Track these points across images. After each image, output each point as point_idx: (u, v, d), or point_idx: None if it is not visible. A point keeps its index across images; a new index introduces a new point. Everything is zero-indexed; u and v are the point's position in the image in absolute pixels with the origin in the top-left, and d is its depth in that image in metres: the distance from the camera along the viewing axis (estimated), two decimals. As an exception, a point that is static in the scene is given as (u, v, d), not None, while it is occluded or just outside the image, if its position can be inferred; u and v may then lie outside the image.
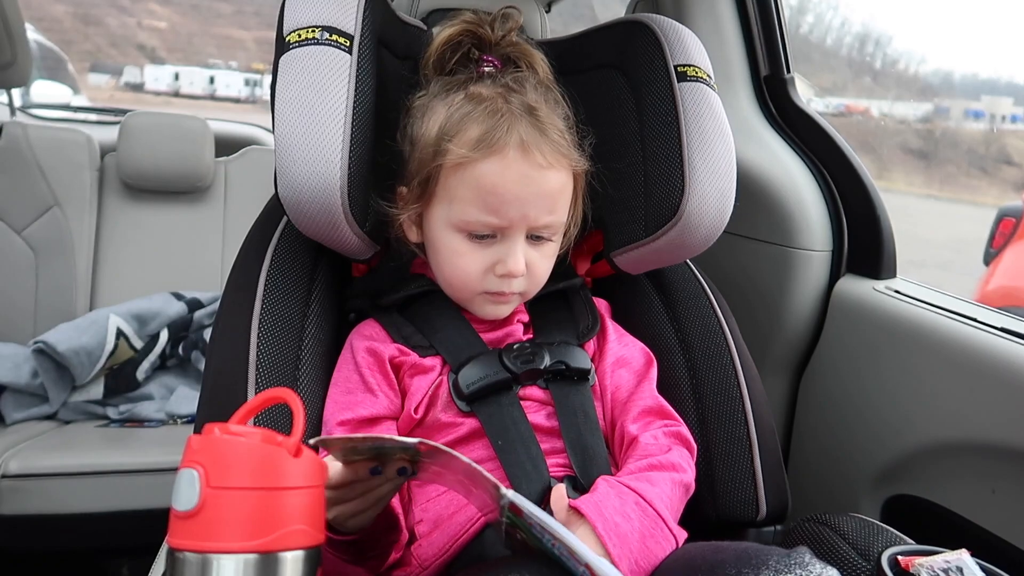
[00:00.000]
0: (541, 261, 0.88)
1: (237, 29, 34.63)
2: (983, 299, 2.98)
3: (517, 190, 0.81)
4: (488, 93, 0.84)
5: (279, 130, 0.82)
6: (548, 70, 0.93)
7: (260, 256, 0.92)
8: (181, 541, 0.55)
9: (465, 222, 0.83)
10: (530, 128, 0.82)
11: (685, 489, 0.83)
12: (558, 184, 0.84)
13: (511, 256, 0.84)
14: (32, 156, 2.02)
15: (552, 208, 0.84)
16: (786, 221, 1.35)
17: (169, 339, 1.89)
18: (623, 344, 0.95)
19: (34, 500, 1.54)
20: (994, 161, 16.76)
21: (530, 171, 0.81)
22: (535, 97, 0.85)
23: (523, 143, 0.81)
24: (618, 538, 0.71)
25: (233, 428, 0.58)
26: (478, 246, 0.84)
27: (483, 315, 0.90)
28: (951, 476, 1.12)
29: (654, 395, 0.91)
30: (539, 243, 0.87)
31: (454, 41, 0.91)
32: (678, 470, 0.82)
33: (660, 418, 0.89)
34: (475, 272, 0.85)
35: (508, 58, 0.92)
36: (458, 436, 0.84)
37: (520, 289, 0.88)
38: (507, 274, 0.84)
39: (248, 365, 0.84)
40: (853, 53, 40.32)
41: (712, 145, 0.92)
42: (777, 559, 0.62)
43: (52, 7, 26.88)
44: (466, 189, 0.82)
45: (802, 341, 1.37)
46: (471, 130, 0.81)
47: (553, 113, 0.86)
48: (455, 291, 0.90)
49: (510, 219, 0.82)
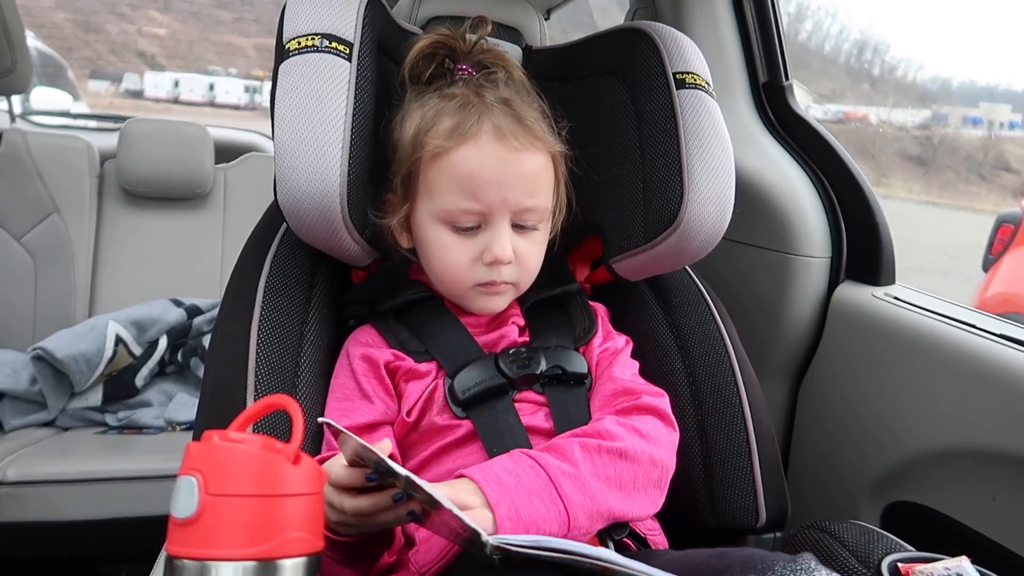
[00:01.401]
0: (530, 249, 0.88)
1: (237, 36, 34.73)
2: (982, 305, 2.99)
3: (494, 174, 0.82)
4: (460, 91, 0.87)
5: (279, 137, 0.82)
6: (523, 74, 0.95)
7: (259, 263, 0.92)
8: (180, 548, 0.55)
9: (447, 211, 0.84)
10: (502, 115, 0.84)
11: (618, 455, 0.79)
12: (536, 166, 0.86)
13: (496, 241, 0.84)
14: (32, 163, 2.02)
15: (532, 191, 0.85)
16: (785, 228, 1.35)
17: (168, 346, 1.88)
18: (606, 341, 0.95)
19: (32, 507, 1.53)
20: (992, 167, 16.80)
21: (505, 154, 0.83)
22: (507, 91, 0.88)
23: (497, 128, 0.83)
24: (498, 487, 0.71)
25: (232, 435, 0.58)
26: (463, 237, 0.85)
27: (478, 310, 0.90)
28: (951, 483, 1.12)
29: (615, 378, 0.90)
30: (525, 231, 0.87)
31: (425, 53, 0.92)
32: (604, 437, 0.80)
33: (624, 396, 0.87)
34: (463, 263, 0.86)
35: (482, 65, 0.93)
36: (454, 440, 0.84)
37: (511, 278, 0.88)
38: (495, 260, 0.85)
39: (247, 372, 0.84)
40: (851, 60, 40.42)
41: (711, 152, 0.93)
42: (783, 565, 0.62)
43: (52, 14, 26.95)
44: (445, 179, 0.83)
45: (801, 347, 1.37)
46: (444, 122, 0.84)
47: (527, 104, 0.88)
48: (447, 287, 0.90)
49: (489, 203, 0.83)
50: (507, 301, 0.92)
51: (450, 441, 0.84)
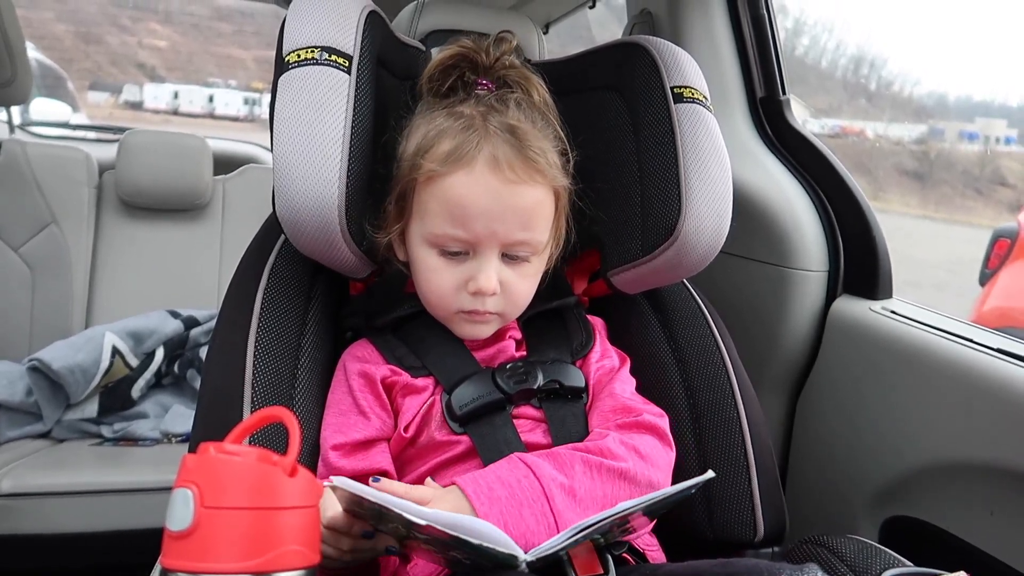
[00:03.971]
0: (519, 281, 0.86)
1: (237, 48, 34.85)
2: (979, 320, 2.99)
3: (484, 204, 0.80)
4: (468, 111, 0.84)
5: (278, 149, 0.82)
6: (545, 93, 0.93)
7: (257, 274, 0.92)
8: (175, 561, 0.55)
9: (435, 235, 0.83)
10: (504, 144, 0.81)
11: (619, 476, 0.79)
12: (532, 200, 0.83)
13: (482, 273, 0.83)
14: (30, 173, 2.02)
15: (526, 225, 0.83)
16: (782, 242, 1.35)
17: (165, 357, 1.88)
18: (604, 358, 0.95)
19: (27, 519, 1.52)
20: (989, 182, 16.87)
21: (499, 186, 0.80)
22: (517, 115, 0.85)
23: (493, 158, 0.80)
24: (488, 499, 0.72)
25: (228, 447, 0.58)
26: (451, 262, 0.84)
27: (462, 335, 0.90)
28: (949, 497, 1.11)
29: (615, 394, 0.90)
30: (516, 262, 0.85)
31: (447, 65, 0.91)
32: (606, 455, 0.80)
33: (623, 414, 0.87)
34: (447, 289, 0.85)
35: (504, 81, 0.91)
36: (452, 456, 0.84)
37: (496, 309, 0.86)
38: (478, 291, 0.83)
39: (244, 384, 0.84)
40: (848, 75, 40.65)
41: (708, 166, 0.93)
42: (789, 574, 0.62)
43: (53, 26, 27.04)
44: (436, 203, 0.82)
45: (799, 361, 1.37)
46: (443, 144, 0.82)
47: (538, 132, 0.85)
48: (432, 308, 0.89)
49: (476, 233, 0.81)
50: (492, 329, 0.90)
51: (449, 457, 0.84)
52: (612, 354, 0.97)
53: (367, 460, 0.82)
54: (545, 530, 0.73)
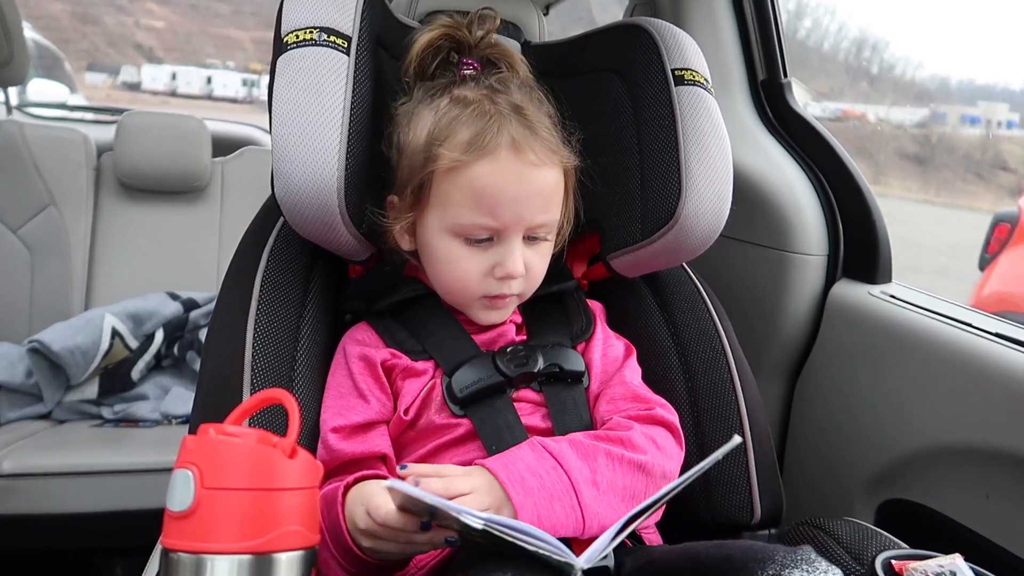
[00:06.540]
0: (538, 261, 0.88)
1: (235, 29, 34.61)
2: (978, 304, 2.99)
3: (513, 190, 0.81)
4: (474, 96, 0.83)
5: (276, 131, 0.82)
6: (528, 70, 0.93)
7: (256, 256, 0.92)
8: (175, 541, 0.55)
9: (461, 226, 0.82)
10: (520, 127, 0.81)
11: (638, 468, 0.80)
12: (552, 182, 0.84)
13: (510, 258, 0.83)
14: (28, 155, 2.02)
15: (547, 206, 0.84)
16: (782, 225, 1.35)
17: (164, 339, 1.88)
18: (608, 345, 0.95)
19: (28, 500, 1.53)
20: (990, 166, 16.83)
21: (524, 170, 0.81)
22: (520, 96, 0.85)
23: (515, 142, 0.80)
24: (523, 489, 0.72)
25: (228, 429, 0.59)
26: (476, 250, 0.84)
27: (479, 320, 0.90)
28: (945, 481, 1.12)
29: (627, 382, 0.90)
30: (535, 243, 0.86)
31: (434, 46, 0.90)
32: (628, 447, 0.80)
33: (634, 402, 0.88)
34: (474, 276, 0.85)
35: (488, 60, 0.91)
36: (452, 438, 0.84)
37: (518, 291, 0.87)
38: (507, 276, 0.84)
39: (243, 366, 0.84)
40: (850, 58, 40.42)
41: (709, 149, 0.92)
42: (783, 555, 0.63)
43: (50, 5, 26.84)
44: (460, 193, 0.81)
45: (797, 345, 1.38)
46: (461, 133, 0.81)
47: (539, 111, 0.86)
48: (454, 297, 0.89)
49: (505, 221, 0.82)
50: (509, 312, 0.91)
51: (448, 440, 0.84)
52: (615, 341, 0.97)
53: (366, 443, 0.83)
54: (573, 524, 0.73)
